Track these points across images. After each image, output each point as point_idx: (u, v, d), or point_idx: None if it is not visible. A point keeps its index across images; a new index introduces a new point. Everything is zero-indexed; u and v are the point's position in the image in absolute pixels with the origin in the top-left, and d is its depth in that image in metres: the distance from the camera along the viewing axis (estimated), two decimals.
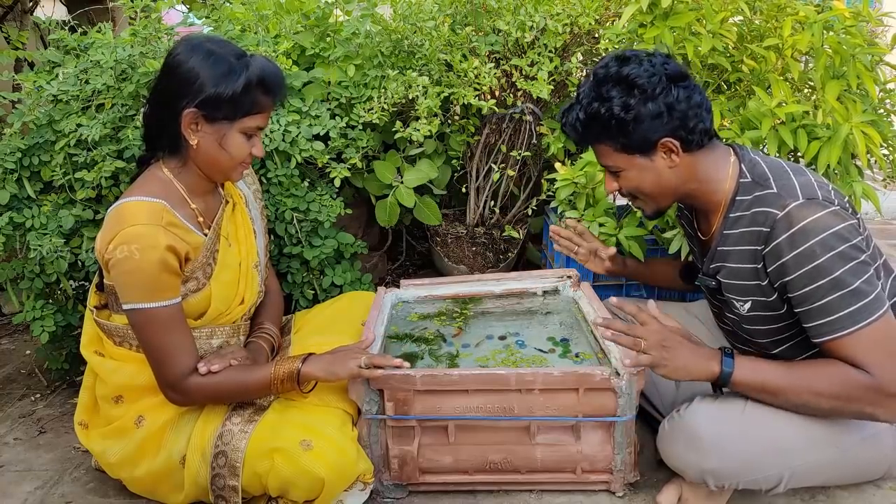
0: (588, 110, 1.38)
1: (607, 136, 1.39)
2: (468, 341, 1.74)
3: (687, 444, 1.38)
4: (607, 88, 1.36)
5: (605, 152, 1.43)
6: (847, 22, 1.82)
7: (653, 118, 1.34)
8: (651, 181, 1.42)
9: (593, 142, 1.44)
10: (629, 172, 1.42)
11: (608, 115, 1.35)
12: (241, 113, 1.42)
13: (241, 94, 1.40)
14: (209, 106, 1.40)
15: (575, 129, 1.43)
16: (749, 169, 1.41)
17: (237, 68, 1.40)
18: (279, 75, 1.48)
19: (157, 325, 1.40)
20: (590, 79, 1.40)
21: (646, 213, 1.51)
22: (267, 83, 1.44)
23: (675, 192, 1.44)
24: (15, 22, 3.42)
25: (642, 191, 1.44)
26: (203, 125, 1.42)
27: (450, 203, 2.66)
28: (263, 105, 1.45)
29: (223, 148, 1.44)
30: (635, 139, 1.37)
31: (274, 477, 1.36)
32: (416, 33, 2.13)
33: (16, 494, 1.63)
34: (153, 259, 1.36)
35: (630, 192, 1.47)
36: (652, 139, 1.37)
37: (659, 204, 1.47)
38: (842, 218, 1.28)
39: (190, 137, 1.42)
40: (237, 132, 1.44)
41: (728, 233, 1.42)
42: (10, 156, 1.81)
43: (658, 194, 1.44)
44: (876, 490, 1.57)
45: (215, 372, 1.42)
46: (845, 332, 1.26)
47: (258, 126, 1.47)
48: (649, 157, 1.39)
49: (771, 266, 1.33)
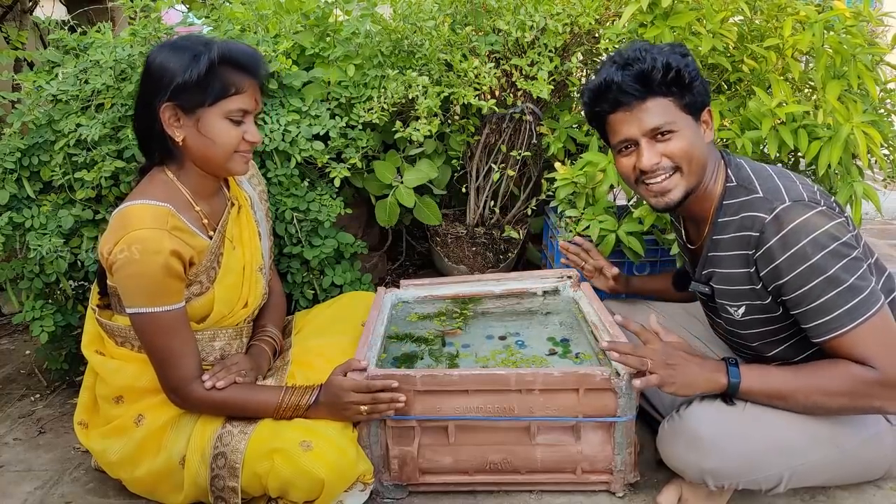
0: (669, 59, 1.35)
1: (679, 88, 1.36)
2: (468, 341, 1.74)
3: (687, 444, 1.38)
4: (661, 49, 1.38)
5: (666, 108, 1.37)
6: (847, 22, 1.82)
7: (703, 81, 1.40)
8: (699, 148, 1.39)
9: (661, 94, 1.36)
10: (685, 132, 1.38)
11: (681, 65, 1.35)
12: (215, 96, 1.40)
13: (207, 75, 1.38)
14: (180, 96, 1.39)
15: (646, 79, 1.35)
16: (735, 173, 1.42)
17: (201, 52, 1.38)
18: (247, 51, 1.44)
19: (160, 329, 1.40)
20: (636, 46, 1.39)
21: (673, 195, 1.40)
22: (233, 59, 1.40)
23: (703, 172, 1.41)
24: (14, 22, 3.41)
25: (692, 156, 1.38)
26: (182, 118, 1.41)
27: (450, 203, 2.65)
28: (239, 84, 1.41)
29: (208, 137, 1.42)
30: (698, 97, 1.38)
31: (274, 478, 1.36)
32: (416, 33, 2.13)
33: (16, 494, 1.63)
34: (157, 264, 1.35)
35: (677, 161, 1.38)
36: (705, 100, 1.40)
37: (691, 182, 1.40)
38: (830, 217, 1.29)
39: (174, 133, 1.42)
40: (219, 118, 1.41)
41: (717, 238, 1.42)
42: (10, 156, 1.81)
43: (700, 165, 1.40)
44: (876, 490, 1.56)
45: (220, 388, 1.43)
46: (845, 329, 1.26)
47: (241, 108, 1.42)
48: (697, 123, 1.41)
49: (764, 270, 1.33)
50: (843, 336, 1.27)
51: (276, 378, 1.56)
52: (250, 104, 1.44)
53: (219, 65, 1.39)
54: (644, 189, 1.43)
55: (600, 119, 1.45)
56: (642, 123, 1.38)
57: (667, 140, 1.38)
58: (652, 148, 1.38)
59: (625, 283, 1.89)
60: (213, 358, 1.56)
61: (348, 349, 1.59)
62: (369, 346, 1.57)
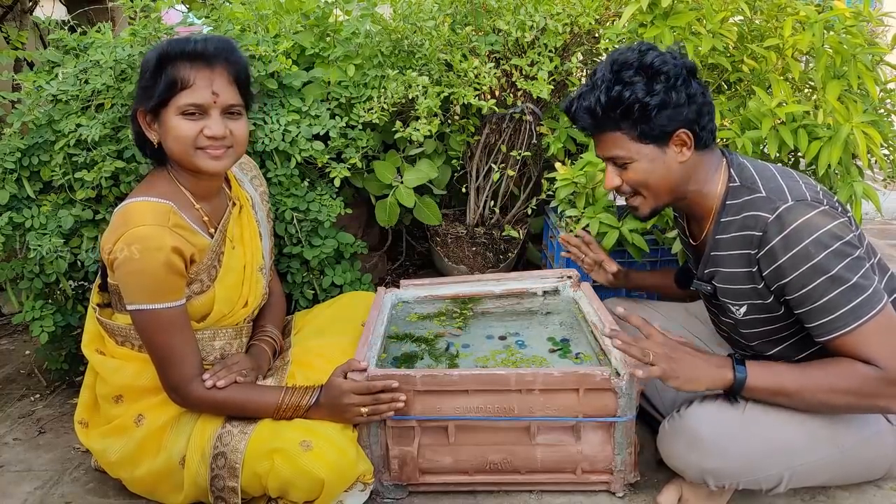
0: (610, 94, 1.34)
1: (627, 121, 1.36)
2: (468, 341, 1.74)
3: (687, 444, 1.38)
4: (629, 74, 1.34)
5: (618, 141, 1.39)
6: (847, 22, 1.82)
7: (675, 107, 1.34)
8: (659, 174, 1.40)
9: (610, 128, 1.39)
10: (640, 164, 1.39)
11: (632, 98, 1.33)
12: (162, 93, 1.37)
13: (154, 74, 1.37)
14: (143, 99, 1.40)
15: (592, 114, 1.38)
16: (738, 173, 1.41)
17: (154, 49, 1.39)
18: (201, 42, 1.39)
19: (160, 326, 1.40)
20: (606, 66, 1.37)
21: (641, 212, 1.48)
22: (181, 53, 1.37)
23: (676, 190, 1.43)
24: (14, 22, 3.41)
25: (648, 185, 1.41)
26: (153, 121, 1.42)
27: (450, 203, 2.65)
28: (186, 79, 1.36)
29: (167, 136, 1.41)
30: (655, 126, 1.35)
31: (274, 477, 1.36)
32: (416, 33, 2.13)
33: (16, 494, 1.63)
34: (158, 260, 1.35)
35: (634, 187, 1.44)
36: (669, 129, 1.36)
37: (658, 202, 1.45)
38: (832, 217, 1.29)
39: (151, 136, 1.43)
40: (173, 115, 1.38)
41: (720, 237, 1.42)
42: (10, 156, 1.81)
43: (662, 190, 1.42)
44: (876, 490, 1.56)
45: (220, 388, 1.43)
46: (849, 328, 1.26)
47: (191, 103, 1.37)
48: (662, 149, 1.38)
49: (766, 270, 1.33)
50: (846, 335, 1.27)
51: (276, 378, 1.56)
52: (203, 97, 1.38)
53: (165, 62, 1.37)
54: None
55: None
56: (601, 150, 1.45)
57: (624, 168, 1.42)
58: (613, 171, 1.45)
59: (624, 277, 1.87)
60: (213, 357, 1.56)
61: (348, 349, 1.59)
62: (369, 346, 1.57)
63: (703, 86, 1.38)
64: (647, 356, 1.33)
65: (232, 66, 1.42)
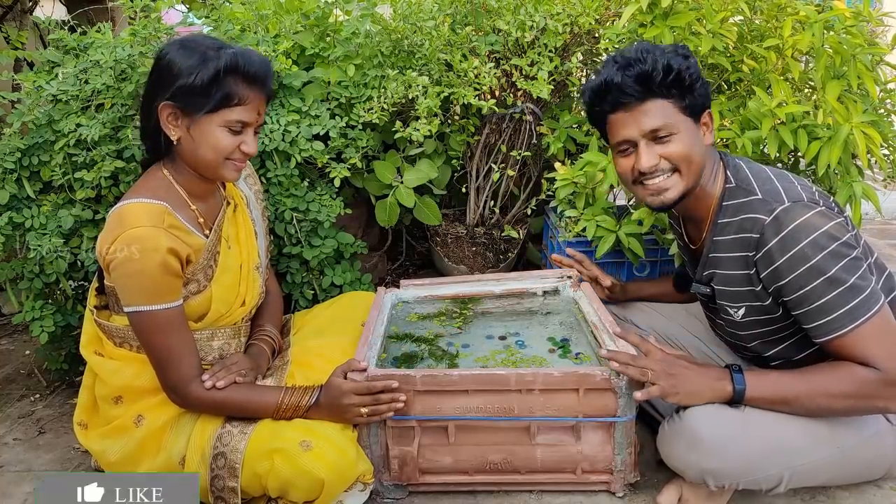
0: (670, 61, 1.34)
1: (679, 90, 1.36)
2: (468, 341, 1.74)
3: (687, 444, 1.38)
4: (665, 51, 1.37)
5: (666, 110, 1.37)
6: (847, 22, 1.82)
7: (704, 84, 1.39)
8: (698, 149, 1.40)
9: (660, 95, 1.36)
10: (684, 135, 1.38)
11: (683, 67, 1.35)
12: (216, 104, 1.38)
13: (211, 83, 1.36)
14: (181, 97, 1.38)
15: (646, 80, 1.35)
16: (733, 174, 1.42)
17: (210, 57, 1.37)
18: (259, 63, 1.41)
19: (158, 327, 1.40)
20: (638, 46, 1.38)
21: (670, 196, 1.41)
22: (242, 71, 1.38)
23: (701, 174, 1.41)
24: (14, 22, 3.41)
25: (691, 159, 1.38)
26: (181, 119, 1.41)
27: (450, 203, 2.65)
28: (243, 96, 1.39)
29: (204, 142, 1.41)
30: (699, 99, 1.38)
31: (274, 478, 1.36)
32: (416, 33, 2.13)
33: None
34: (155, 262, 1.35)
35: (676, 162, 1.39)
36: (705, 103, 1.40)
37: (689, 183, 1.40)
38: (829, 217, 1.29)
39: (170, 132, 1.41)
40: (217, 126, 1.40)
41: (718, 239, 1.42)
42: (10, 156, 1.81)
43: (698, 167, 1.40)
44: (876, 490, 1.56)
45: (220, 388, 1.43)
46: (846, 329, 1.27)
47: (240, 119, 1.41)
48: (697, 126, 1.40)
49: (764, 272, 1.33)
50: (844, 336, 1.27)
51: (275, 378, 1.56)
52: (251, 117, 1.42)
53: (226, 74, 1.37)
54: (641, 189, 1.44)
55: (601, 118, 1.45)
56: (641, 125, 1.38)
57: (666, 142, 1.38)
58: (650, 150, 1.39)
59: (622, 290, 1.89)
60: (211, 357, 1.56)
61: (348, 349, 1.59)
62: (369, 346, 1.57)
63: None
64: (645, 375, 1.36)
65: (270, 89, 1.48)
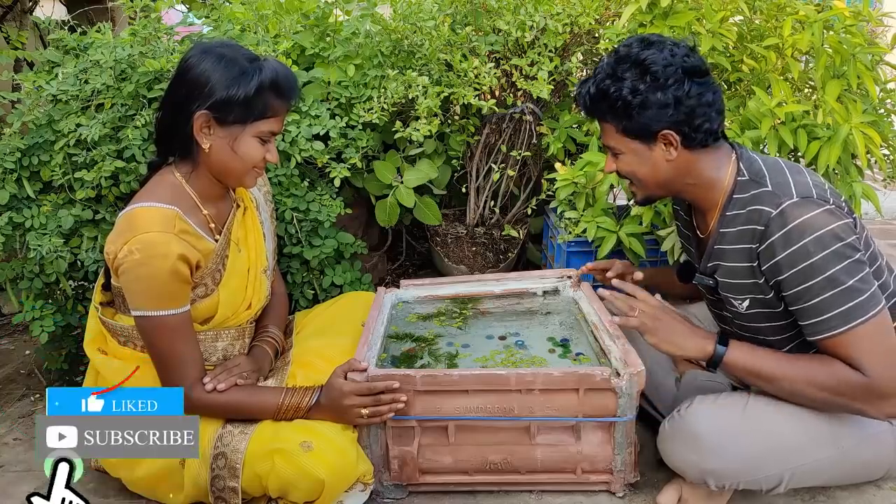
0: (600, 86, 1.38)
1: (612, 115, 1.39)
2: (468, 341, 1.74)
3: (687, 444, 1.38)
4: (623, 69, 1.36)
5: (608, 131, 1.43)
6: (847, 21, 1.82)
7: (658, 108, 1.34)
8: (646, 170, 1.42)
9: (599, 118, 1.44)
10: (627, 156, 1.43)
11: (616, 95, 1.35)
12: (254, 116, 1.42)
13: (254, 96, 1.39)
14: (221, 109, 1.39)
15: (584, 102, 1.44)
16: (747, 167, 1.41)
17: (249, 71, 1.40)
18: (292, 78, 1.47)
19: (164, 332, 1.40)
20: (611, 55, 1.40)
21: (636, 199, 1.52)
22: (280, 86, 1.43)
23: (668, 185, 1.45)
24: (14, 22, 3.41)
25: (637, 177, 1.45)
26: (215, 128, 1.42)
27: (450, 203, 2.65)
28: (277, 109, 1.44)
29: (235, 152, 1.43)
30: (637, 125, 1.37)
31: (274, 478, 1.36)
32: (416, 33, 2.13)
33: (16, 494, 1.63)
34: (165, 268, 1.35)
35: (625, 175, 1.48)
36: (653, 129, 1.36)
37: (650, 192, 1.48)
38: (837, 217, 1.28)
39: (202, 141, 1.42)
40: (250, 136, 1.43)
41: (724, 231, 1.42)
42: (10, 156, 1.80)
43: (651, 184, 1.45)
44: (876, 490, 1.56)
45: (221, 391, 1.43)
46: (838, 330, 1.26)
47: (271, 131, 1.46)
48: (648, 146, 1.40)
49: (765, 264, 1.33)
50: (835, 337, 1.27)
51: (276, 378, 1.56)
52: (279, 127, 1.48)
53: (266, 88, 1.41)
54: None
55: None
56: (601, 135, 1.48)
57: (616, 157, 1.46)
58: (609, 160, 1.49)
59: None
60: (215, 358, 1.56)
61: (348, 349, 1.59)
62: (369, 346, 1.57)
63: (704, 86, 1.35)
64: (632, 310, 1.39)
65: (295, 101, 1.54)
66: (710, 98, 1.36)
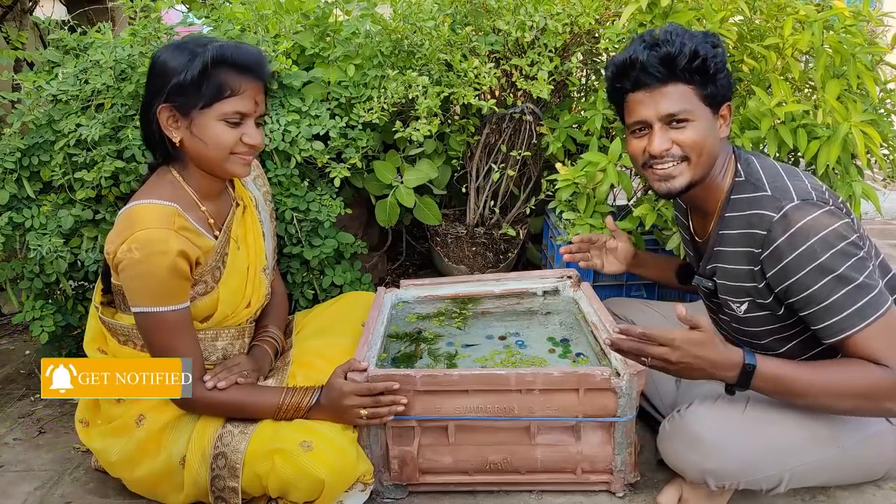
0: (699, 47, 1.33)
1: (702, 77, 1.35)
2: (468, 341, 1.74)
3: (687, 444, 1.38)
4: (701, 37, 1.35)
5: (686, 96, 1.36)
6: (847, 21, 1.82)
7: (728, 76, 1.39)
8: (712, 140, 1.39)
9: (682, 80, 1.35)
10: (700, 123, 1.37)
11: (714, 57, 1.34)
12: (209, 98, 1.38)
13: (201, 77, 1.36)
14: (177, 98, 1.38)
15: (670, 62, 1.34)
16: (744, 168, 1.41)
17: (197, 53, 1.37)
18: (248, 51, 1.41)
19: (164, 329, 1.40)
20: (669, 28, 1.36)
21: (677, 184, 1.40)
22: (231, 61, 1.38)
23: (711, 166, 1.41)
24: (14, 22, 3.41)
25: (703, 148, 1.38)
26: (180, 119, 1.41)
27: (450, 203, 2.65)
28: (235, 86, 1.39)
29: (203, 139, 1.40)
30: (719, 88, 1.37)
31: (274, 478, 1.36)
32: (416, 33, 2.13)
33: (15, 495, 1.63)
34: (164, 264, 1.35)
35: (687, 150, 1.38)
36: (726, 95, 1.39)
37: (698, 173, 1.39)
38: (837, 217, 1.29)
39: (172, 135, 1.41)
40: (214, 120, 1.39)
41: (724, 233, 1.42)
42: (10, 156, 1.81)
43: (709, 158, 1.39)
44: (876, 490, 1.56)
45: (221, 389, 1.43)
46: (856, 329, 1.26)
47: (237, 110, 1.40)
48: (715, 117, 1.40)
49: (771, 270, 1.32)
50: (853, 336, 1.26)
51: (276, 378, 1.56)
52: (248, 107, 1.42)
53: (214, 66, 1.37)
54: (650, 172, 1.43)
55: (620, 95, 1.44)
56: (659, 107, 1.37)
57: (681, 128, 1.37)
58: (664, 134, 1.38)
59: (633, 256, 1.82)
60: (215, 357, 1.56)
61: (348, 349, 1.59)
62: (369, 346, 1.57)
63: None
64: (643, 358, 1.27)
65: (266, 77, 1.46)
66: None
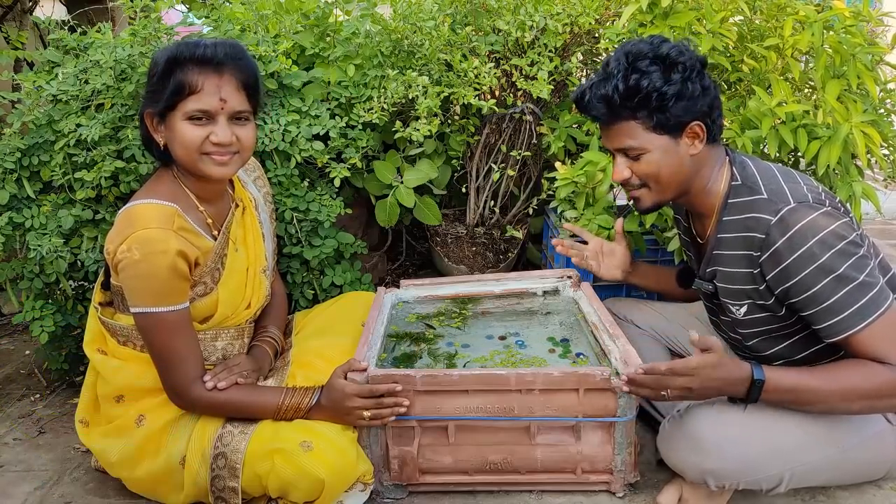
0: (628, 82, 1.33)
1: (644, 111, 1.35)
2: (468, 341, 1.74)
3: (687, 444, 1.38)
4: (645, 64, 1.33)
5: (633, 131, 1.38)
6: (847, 21, 1.82)
7: (690, 98, 1.34)
8: (671, 167, 1.39)
9: (625, 117, 1.37)
10: (652, 155, 1.38)
11: (650, 87, 1.33)
12: (169, 98, 1.36)
13: (162, 78, 1.36)
14: (151, 102, 1.40)
15: (608, 102, 1.36)
16: (739, 171, 1.42)
17: (163, 53, 1.38)
18: (208, 46, 1.37)
19: (164, 329, 1.40)
20: (620, 56, 1.36)
21: (643, 205, 1.47)
22: (187, 57, 1.36)
23: (683, 184, 1.42)
24: (14, 22, 3.41)
25: (659, 177, 1.40)
26: (159, 123, 1.42)
27: (450, 203, 2.65)
28: (194, 84, 1.35)
29: (174, 140, 1.40)
30: (672, 116, 1.35)
31: (274, 478, 1.36)
32: (416, 33, 2.13)
33: (15, 495, 1.63)
34: (164, 264, 1.35)
35: (644, 179, 1.42)
36: (685, 119, 1.36)
37: (663, 196, 1.44)
38: (835, 217, 1.29)
39: (157, 137, 1.43)
40: (180, 120, 1.38)
41: (722, 236, 1.42)
42: (10, 156, 1.80)
43: (672, 183, 1.41)
44: (876, 490, 1.56)
45: (221, 389, 1.43)
46: (858, 327, 1.26)
47: (198, 108, 1.36)
48: (675, 140, 1.38)
49: (771, 273, 1.33)
50: (855, 335, 1.26)
51: (276, 378, 1.56)
52: (210, 103, 1.36)
53: (172, 66, 1.36)
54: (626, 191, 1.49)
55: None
56: (612, 142, 1.43)
57: (635, 159, 1.41)
58: (623, 162, 1.43)
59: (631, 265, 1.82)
60: (215, 358, 1.56)
61: (348, 349, 1.59)
62: (369, 346, 1.57)
63: (712, 80, 1.39)
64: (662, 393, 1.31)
65: (241, 71, 1.41)
66: (718, 91, 1.40)
